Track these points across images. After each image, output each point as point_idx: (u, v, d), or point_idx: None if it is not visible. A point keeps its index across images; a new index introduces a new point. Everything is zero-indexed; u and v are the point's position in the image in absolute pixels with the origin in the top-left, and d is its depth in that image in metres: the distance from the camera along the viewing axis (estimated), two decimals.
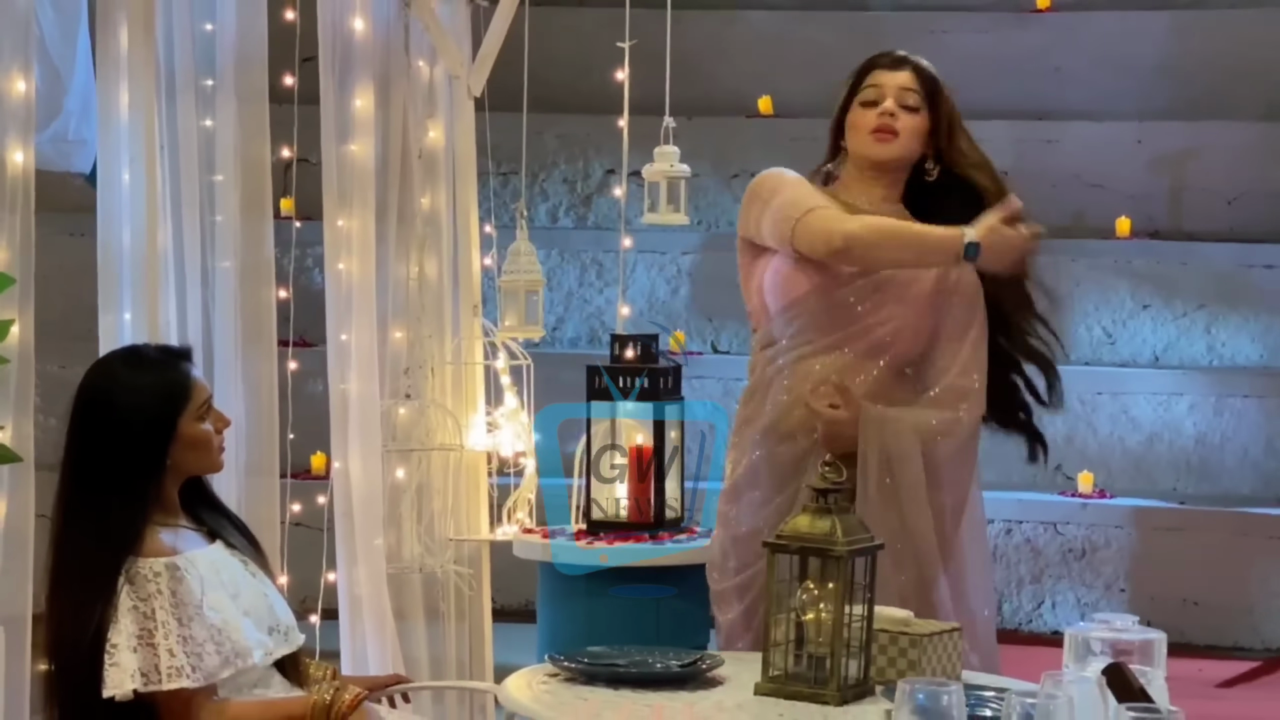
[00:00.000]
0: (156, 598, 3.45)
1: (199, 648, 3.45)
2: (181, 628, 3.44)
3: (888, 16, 9.23)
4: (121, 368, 3.65)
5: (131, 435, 3.53)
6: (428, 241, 5.11)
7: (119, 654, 3.42)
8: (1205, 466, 7.83)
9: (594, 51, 7.81)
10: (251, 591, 3.63)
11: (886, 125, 4.20)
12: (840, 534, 3.42)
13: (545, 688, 3.57)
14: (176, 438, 3.57)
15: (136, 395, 3.56)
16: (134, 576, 3.46)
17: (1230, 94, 8.70)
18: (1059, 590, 7.57)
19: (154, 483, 3.56)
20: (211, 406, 3.66)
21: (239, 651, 3.52)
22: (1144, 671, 2.53)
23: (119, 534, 3.48)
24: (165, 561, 3.49)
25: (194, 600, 3.47)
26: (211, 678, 3.47)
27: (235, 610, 3.55)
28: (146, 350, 3.74)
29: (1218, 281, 8.16)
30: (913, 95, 4.20)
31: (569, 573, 4.69)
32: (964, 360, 4.16)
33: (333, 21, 4.81)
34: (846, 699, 3.41)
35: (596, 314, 8.60)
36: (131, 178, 4.21)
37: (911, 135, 4.20)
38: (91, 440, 3.55)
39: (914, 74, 4.22)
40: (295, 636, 3.69)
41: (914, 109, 4.20)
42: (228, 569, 3.62)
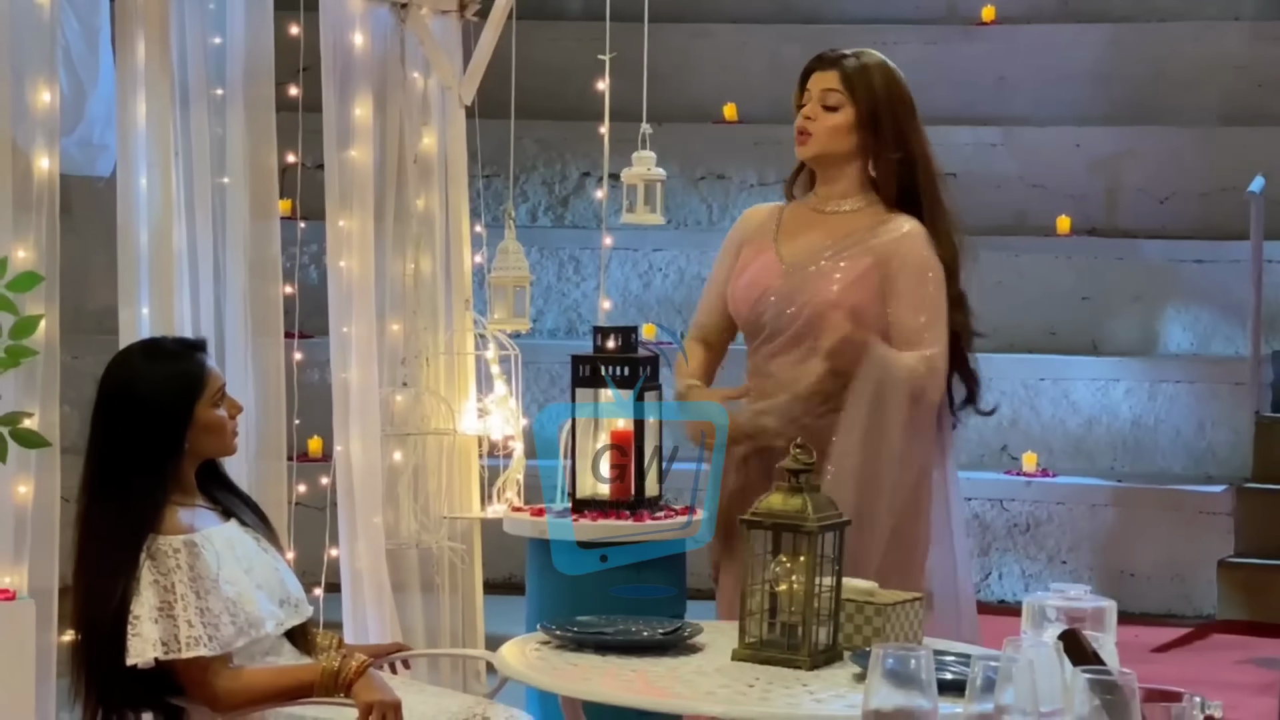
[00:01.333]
0: (176, 572, 3.47)
1: (216, 619, 3.47)
2: (199, 600, 3.46)
3: (842, 29, 9.25)
4: (141, 359, 3.66)
5: (151, 421, 3.55)
6: (422, 240, 5.13)
7: (141, 625, 3.44)
8: (1140, 447, 7.88)
9: (571, 62, 7.85)
10: (264, 566, 3.66)
11: (801, 127, 4.19)
12: (811, 511, 3.45)
13: (537, 654, 3.59)
14: (193, 423, 3.59)
15: (156, 384, 3.58)
16: (155, 553, 3.48)
17: (1162, 101, 8.76)
18: (1005, 562, 7.61)
19: (173, 465, 3.57)
20: (225, 394, 3.68)
21: (253, 622, 3.54)
22: (1096, 637, 2.56)
23: (140, 513, 3.50)
24: (184, 539, 3.51)
25: (210, 574, 3.49)
26: (227, 646, 3.49)
27: (249, 583, 3.57)
28: (165, 342, 3.75)
29: (1151, 275, 8.20)
30: (834, 94, 4.15)
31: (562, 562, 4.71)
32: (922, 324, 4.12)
33: (333, 36, 4.82)
34: (817, 663, 3.44)
35: (574, 306, 8.63)
36: (148, 181, 4.23)
37: (829, 133, 4.15)
38: (114, 426, 3.57)
39: (838, 72, 4.17)
40: (305, 608, 3.72)
41: (834, 107, 4.15)
42: (241, 545, 3.65)
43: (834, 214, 4.22)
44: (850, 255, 4.15)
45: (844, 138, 4.17)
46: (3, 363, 3.49)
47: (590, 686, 3.41)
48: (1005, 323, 8.22)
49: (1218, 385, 7.84)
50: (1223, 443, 7.81)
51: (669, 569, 4.62)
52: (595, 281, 8.49)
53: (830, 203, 4.23)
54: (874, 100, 4.15)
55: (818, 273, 4.16)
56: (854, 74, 4.17)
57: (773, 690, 3.31)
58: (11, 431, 3.50)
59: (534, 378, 7.72)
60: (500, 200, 8.46)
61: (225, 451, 3.70)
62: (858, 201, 4.21)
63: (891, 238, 4.15)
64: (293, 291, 4.77)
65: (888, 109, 4.16)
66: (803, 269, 4.17)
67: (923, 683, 2.25)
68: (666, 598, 4.06)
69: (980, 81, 8.97)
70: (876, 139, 4.16)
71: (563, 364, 4.86)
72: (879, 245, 4.14)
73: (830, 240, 4.18)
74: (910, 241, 4.14)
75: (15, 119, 3.84)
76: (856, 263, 4.14)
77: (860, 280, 4.13)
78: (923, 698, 2.25)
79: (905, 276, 4.12)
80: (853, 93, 4.15)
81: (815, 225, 4.22)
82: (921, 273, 4.14)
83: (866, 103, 4.15)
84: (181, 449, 3.58)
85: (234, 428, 3.68)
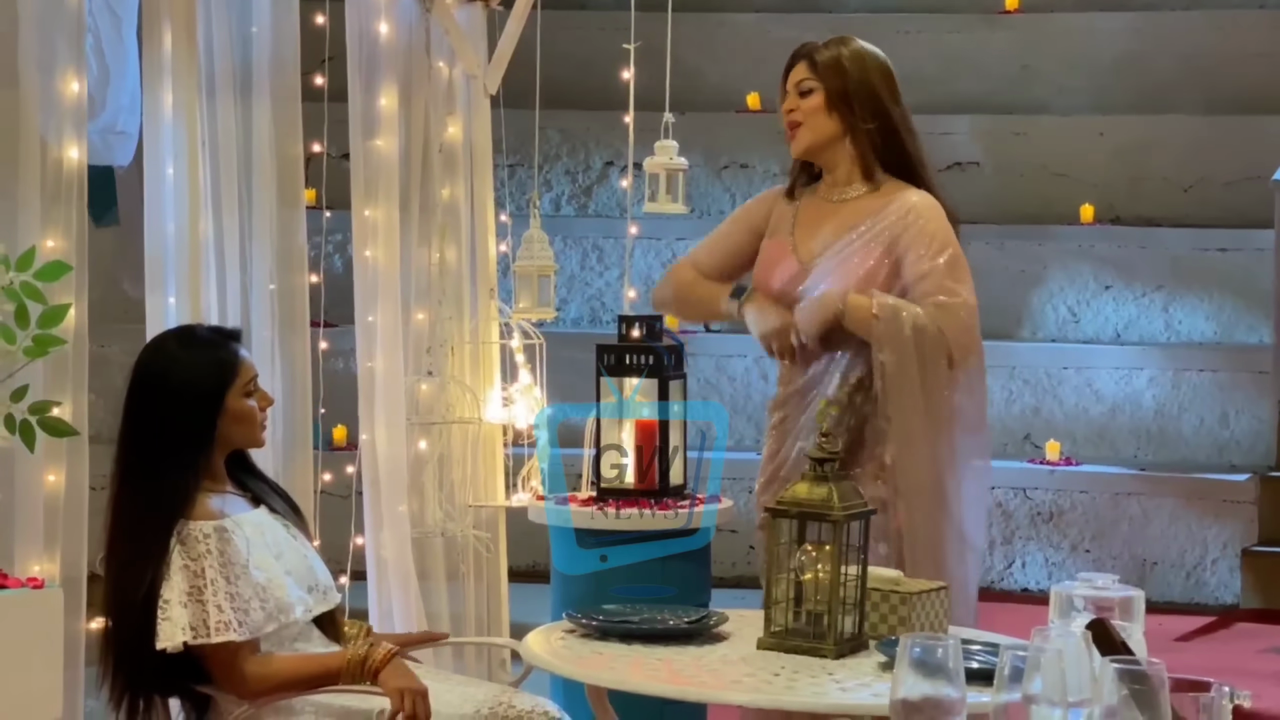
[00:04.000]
0: (206, 558, 3.47)
1: (245, 604, 3.47)
2: (229, 585, 3.47)
3: (864, 18, 9.24)
4: (176, 346, 3.68)
5: (183, 408, 3.56)
6: (447, 230, 5.13)
7: (170, 609, 3.45)
8: (1163, 436, 7.86)
9: (594, 52, 7.84)
10: (293, 552, 3.66)
11: (789, 122, 4.25)
12: (836, 500, 3.45)
13: (563, 643, 3.59)
14: (224, 412, 3.60)
15: (188, 372, 3.59)
16: (185, 538, 3.48)
17: (1186, 89, 8.73)
18: (1028, 551, 7.60)
19: (203, 453, 3.58)
20: (257, 385, 3.68)
21: (282, 608, 3.54)
22: (1124, 626, 2.56)
23: (171, 498, 3.51)
24: (214, 524, 3.51)
25: (240, 560, 3.50)
26: (256, 632, 3.49)
27: (279, 569, 3.58)
28: (199, 330, 3.76)
29: (1174, 264, 8.18)
30: (806, 81, 4.22)
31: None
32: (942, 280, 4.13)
33: (359, 26, 4.82)
34: (842, 652, 3.44)
35: (597, 295, 8.63)
36: (175, 172, 4.23)
37: (811, 117, 4.21)
38: (146, 413, 3.58)
39: (805, 61, 4.24)
40: (333, 595, 3.72)
41: (808, 92, 4.21)
42: (271, 531, 3.65)
43: (842, 202, 4.23)
44: (861, 246, 4.17)
45: (823, 119, 4.21)
46: (31, 352, 3.50)
47: (615, 675, 3.41)
48: (1028, 311, 8.22)
49: (1241, 374, 7.82)
50: (1246, 431, 7.79)
51: (695, 558, 4.62)
52: (618, 270, 8.49)
53: (836, 191, 4.25)
54: (842, 76, 4.21)
55: (832, 269, 4.17)
56: (820, 58, 4.23)
57: (798, 679, 3.31)
58: (40, 421, 3.51)
59: (558, 366, 7.70)
60: (524, 189, 8.48)
61: (253, 443, 3.71)
62: (862, 185, 4.23)
63: (898, 216, 4.15)
64: (318, 281, 4.77)
65: (858, 81, 4.21)
66: (819, 266, 4.19)
67: (950, 672, 2.25)
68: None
69: (1003, 70, 8.95)
70: (851, 112, 4.20)
71: (587, 353, 4.87)
72: (887, 229, 4.16)
73: (842, 231, 4.19)
74: (916, 215, 4.15)
75: (44, 109, 3.85)
76: (868, 253, 4.16)
77: (873, 272, 4.14)
78: (950, 687, 2.25)
79: (915, 242, 4.13)
80: (820, 75, 4.21)
81: (827, 217, 4.24)
82: (930, 236, 4.15)
83: (835, 79, 4.20)
84: (212, 437, 3.59)
85: (263, 419, 3.69)
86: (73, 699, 3.87)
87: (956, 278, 4.13)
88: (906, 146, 4.24)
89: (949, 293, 4.10)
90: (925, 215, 4.15)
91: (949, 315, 4.09)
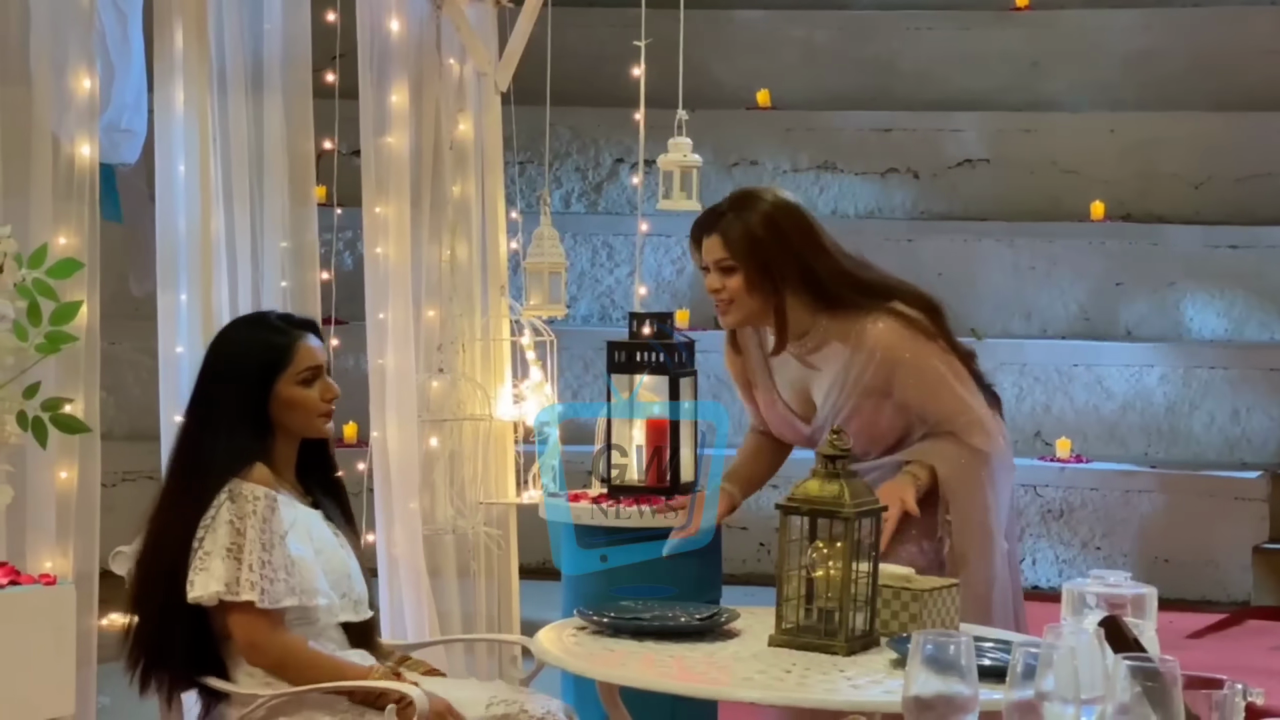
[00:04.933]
0: (250, 517, 3.50)
1: (273, 573, 3.49)
2: (263, 551, 3.49)
3: (873, 15, 9.25)
4: (243, 329, 3.77)
5: (233, 388, 3.61)
6: (458, 227, 5.13)
7: (210, 561, 3.48)
8: (1174, 433, 7.85)
9: (604, 49, 7.84)
10: (335, 558, 3.66)
11: (718, 301, 4.18)
12: (848, 497, 3.45)
13: (574, 640, 3.59)
14: (274, 397, 3.62)
15: (243, 352, 3.65)
16: (236, 495, 3.52)
17: (1196, 86, 8.72)
18: (1039, 548, 7.59)
19: (260, 436, 3.60)
20: (320, 375, 3.68)
21: (306, 589, 3.55)
22: (1137, 624, 2.56)
23: (225, 461, 3.55)
24: (267, 490, 3.54)
25: (280, 530, 3.52)
26: (276, 603, 3.50)
27: (314, 557, 3.59)
28: (269, 316, 3.80)
29: (1185, 261, 8.17)
30: (724, 261, 4.14)
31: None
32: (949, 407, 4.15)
33: (370, 23, 4.83)
34: (854, 649, 3.44)
35: (607, 293, 8.63)
36: (186, 169, 4.23)
37: (739, 297, 4.14)
38: (206, 388, 3.65)
39: (719, 237, 4.15)
40: (364, 610, 3.71)
41: (729, 270, 4.14)
42: (317, 530, 3.66)
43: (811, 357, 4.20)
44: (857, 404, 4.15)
45: (750, 298, 4.15)
46: (43, 348, 3.50)
47: (627, 672, 3.41)
48: (1038, 308, 8.21)
49: (1252, 371, 7.81)
50: (1257, 428, 7.78)
51: (704, 553, 4.62)
52: (628, 268, 8.49)
53: (802, 349, 4.21)
54: (759, 250, 4.12)
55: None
56: (731, 234, 4.14)
57: (810, 676, 3.31)
58: (52, 417, 3.52)
59: (568, 363, 7.72)
60: (534, 186, 8.48)
61: (312, 431, 3.71)
62: (819, 334, 4.18)
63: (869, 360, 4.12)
64: (329, 278, 4.78)
65: (777, 250, 4.13)
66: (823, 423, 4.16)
67: (962, 669, 2.25)
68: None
69: (1013, 67, 8.94)
70: (774, 281, 4.13)
71: (597, 349, 4.87)
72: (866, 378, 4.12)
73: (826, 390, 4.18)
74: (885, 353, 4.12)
75: (56, 107, 3.85)
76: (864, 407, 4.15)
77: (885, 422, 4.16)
78: (962, 684, 2.24)
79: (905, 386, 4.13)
80: (736, 253, 4.13)
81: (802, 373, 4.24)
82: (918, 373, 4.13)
83: (753, 257, 4.12)
84: (267, 421, 3.61)
85: (325, 410, 3.69)
86: (85, 696, 3.87)
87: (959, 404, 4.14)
88: (843, 273, 4.16)
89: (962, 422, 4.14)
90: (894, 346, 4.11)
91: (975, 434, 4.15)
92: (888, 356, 4.11)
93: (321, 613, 3.61)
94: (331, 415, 3.72)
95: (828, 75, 9.06)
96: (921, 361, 4.13)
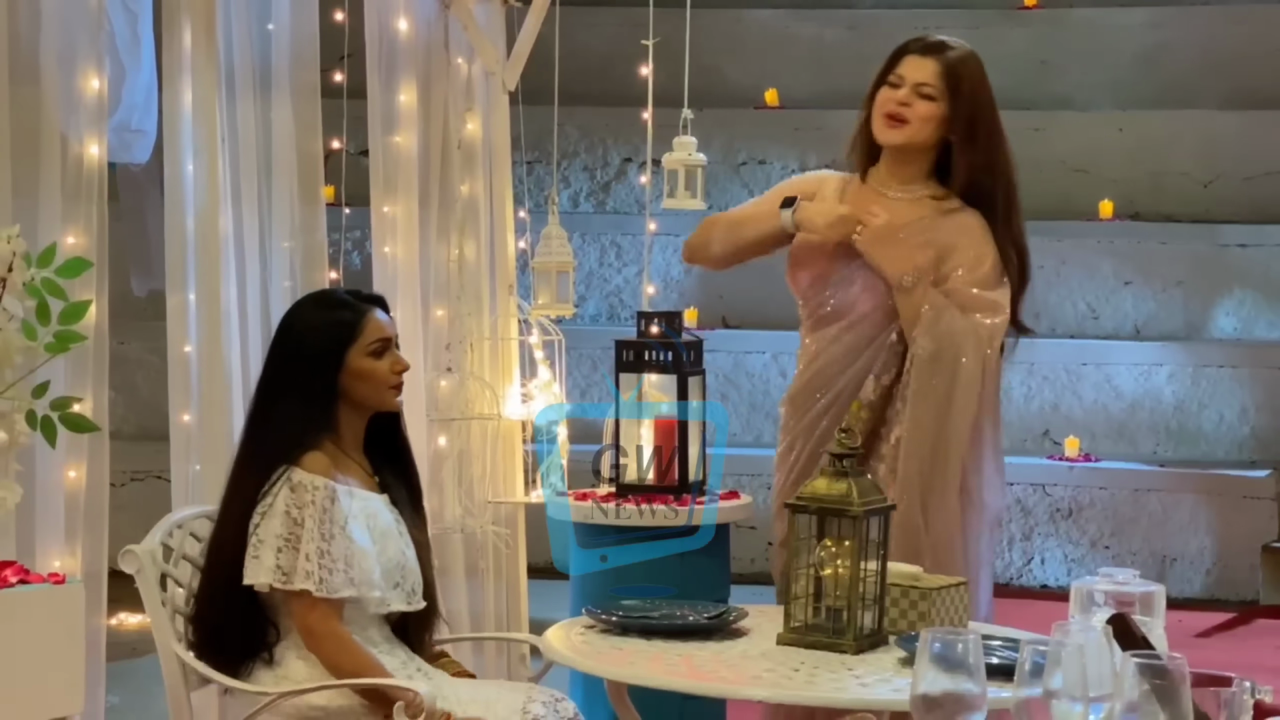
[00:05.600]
0: (309, 508, 3.53)
1: (332, 563, 3.52)
2: (323, 541, 3.52)
3: (882, 14, 9.24)
4: (311, 305, 3.79)
5: (305, 360, 3.64)
6: (466, 226, 5.13)
7: (263, 549, 3.52)
8: (1183, 432, 7.85)
9: (612, 48, 7.85)
10: (394, 548, 3.69)
11: (897, 113, 4.13)
12: (856, 496, 3.45)
13: (582, 638, 3.59)
14: (344, 367, 3.65)
15: (314, 326, 3.67)
16: (295, 485, 3.55)
17: (1206, 84, 8.71)
18: (1047, 547, 7.59)
19: (325, 408, 3.64)
20: (389, 347, 3.71)
21: (364, 581, 3.58)
22: (1145, 621, 2.56)
23: (286, 443, 3.59)
24: (326, 481, 3.56)
25: (340, 520, 3.55)
26: (334, 593, 3.53)
27: (372, 549, 3.61)
28: (336, 292, 3.85)
29: (1194, 259, 8.17)
30: (932, 86, 4.10)
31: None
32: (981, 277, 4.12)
33: (378, 22, 4.83)
34: (862, 648, 3.44)
35: (615, 292, 8.63)
36: (195, 169, 4.24)
37: (923, 122, 4.11)
38: (275, 365, 3.68)
39: (939, 65, 4.11)
40: (417, 601, 3.73)
41: (931, 97, 4.11)
42: (379, 519, 3.68)
43: (896, 200, 4.20)
44: (914, 244, 4.13)
45: (933, 130, 4.14)
46: (52, 348, 3.51)
47: (635, 670, 3.41)
48: (1048, 307, 8.21)
49: (1261, 370, 7.81)
50: (1266, 427, 7.78)
51: (713, 552, 4.62)
52: (636, 267, 8.50)
53: (894, 188, 4.21)
54: (971, 102, 4.11)
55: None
56: (954, 70, 4.12)
57: (818, 674, 3.31)
58: (61, 417, 3.53)
59: (577, 363, 7.73)
60: (542, 186, 8.47)
61: (382, 404, 3.73)
62: (920, 190, 4.19)
63: (952, 230, 4.13)
64: (337, 277, 4.79)
65: (982, 113, 4.13)
66: None
67: (970, 667, 2.25)
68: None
69: (1022, 66, 8.93)
70: (967, 142, 4.12)
71: (605, 349, 4.88)
72: (939, 238, 4.13)
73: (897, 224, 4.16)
74: (970, 235, 4.13)
75: (64, 106, 3.86)
76: (918, 251, 4.13)
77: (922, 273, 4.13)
78: (970, 682, 2.25)
79: (962, 255, 4.12)
80: (952, 91, 4.11)
81: (880, 205, 4.19)
82: (980, 251, 4.13)
83: (964, 103, 4.11)
84: (335, 393, 3.63)
85: (395, 382, 3.71)
86: (94, 695, 3.88)
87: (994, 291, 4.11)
88: (996, 188, 4.15)
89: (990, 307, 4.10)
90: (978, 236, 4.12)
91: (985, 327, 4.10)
92: (965, 237, 4.11)
93: (374, 604, 3.64)
94: (401, 388, 3.74)
95: (836, 74, 9.05)
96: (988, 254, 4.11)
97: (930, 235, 4.14)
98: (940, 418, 4.09)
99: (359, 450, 3.74)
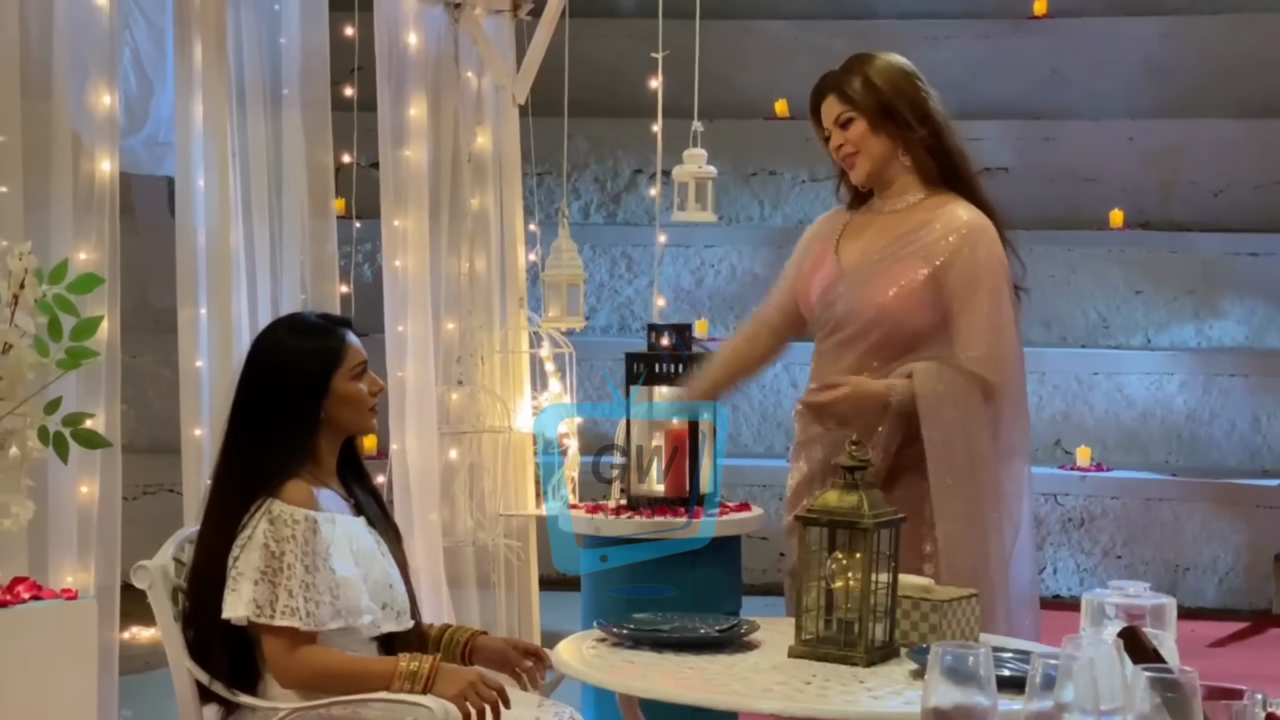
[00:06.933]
0: (290, 542, 3.48)
1: (318, 596, 3.48)
2: (307, 574, 3.47)
3: (892, 24, 9.25)
4: (286, 332, 3.71)
5: (289, 389, 3.59)
6: (477, 239, 5.15)
7: (240, 583, 3.47)
8: (1195, 441, 7.84)
9: (622, 60, 7.85)
10: (378, 570, 3.65)
11: (844, 156, 4.18)
12: (867, 508, 3.44)
13: (594, 651, 3.59)
14: (330, 393, 3.61)
15: (296, 354, 3.63)
16: (275, 518, 3.49)
17: (1215, 93, 8.71)
18: (1060, 557, 7.59)
19: (307, 436, 3.60)
20: (367, 370, 3.69)
21: (352, 610, 3.54)
22: (1156, 634, 2.55)
23: (261, 475, 3.53)
24: (306, 513, 3.52)
25: (323, 551, 3.51)
26: (321, 626, 3.49)
27: (357, 575, 3.59)
28: (307, 317, 3.79)
29: (1205, 268, 8.16)
30: (842, 111, 4.15)
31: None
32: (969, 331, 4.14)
33: (388, 36, 4.84)
34: (874, 660, 3.43)
35: (626, 304, 8.64)
36: (206, 182, 4.25)
37: (863, 143, 4.15)
38: (253, 394, 3.61)
39: (834, 92, 4.17)
40: (406, 620, 3.71)
41: (849, 122, 4.15)
42: (361, 541, 3.65)
43: (893, 213, 4.22)
44: (904, 257, 4.13)
45: (874, 142, 4.16)
46: (64, 364, 3.51)
47: (647, 683, 3.41)
48: (1058, 317, 8.20)
49: (1273, 378, 7.80)
50: (1278, 436, 7.76)
51: (724, 564, 4.62)
52: (647, 278, 8.50)
53: (889, 202, 4.23)
54: (876, 93, 4.15)
55: (871, 275, 4.15)
56: (848, 87, 4.17)
57: (830, 687, 3.30)
58: (73, 433, 3.53)
59: (587, 375, 7.73)
60: (553, 198, 8.50)
61: (362, 427, 3.71)
62: (911, 197, 4.20)
63: (944, 233, 4.13)
64: (348, 290, 4.79)
65: (893, 93, 4.16)
66: (858, 271, 4.17)
67: (982, 680, 2.25)
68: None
69: (1032, 75, 8.94)
70: (897, 125, 4.15)
71: (616, 361, 4.88)
72: (933, 246, 4.13)
73: (885, 241, 4.17)
74: (963, 239, 4.12)
75: (77, 121, 3.87)
76: (909, 265, 4.12)
77: (912, 291, 4.12)
78: (982, 695, 2.24)
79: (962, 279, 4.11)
80: (857, 100, 4.15)
81: (873, 225, 4.22)
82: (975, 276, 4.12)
83: (870, 99, 4.14)
84: (317, 419, 3.61)
85: (373, 404, 3.69)
86: (106, 710, 3.88)
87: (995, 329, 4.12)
88: (953, 146, 4.20)
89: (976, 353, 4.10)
90: (975, 240, 4.12)
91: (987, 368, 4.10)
92: (963, 240, 4.10)
93: (365, 629, 3.61)
94: (375, 409, 3.73)
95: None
96: (988, 268, 4.12)
97: (915, 247, 4.14)
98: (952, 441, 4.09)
99: (334, 474, 3.71)
